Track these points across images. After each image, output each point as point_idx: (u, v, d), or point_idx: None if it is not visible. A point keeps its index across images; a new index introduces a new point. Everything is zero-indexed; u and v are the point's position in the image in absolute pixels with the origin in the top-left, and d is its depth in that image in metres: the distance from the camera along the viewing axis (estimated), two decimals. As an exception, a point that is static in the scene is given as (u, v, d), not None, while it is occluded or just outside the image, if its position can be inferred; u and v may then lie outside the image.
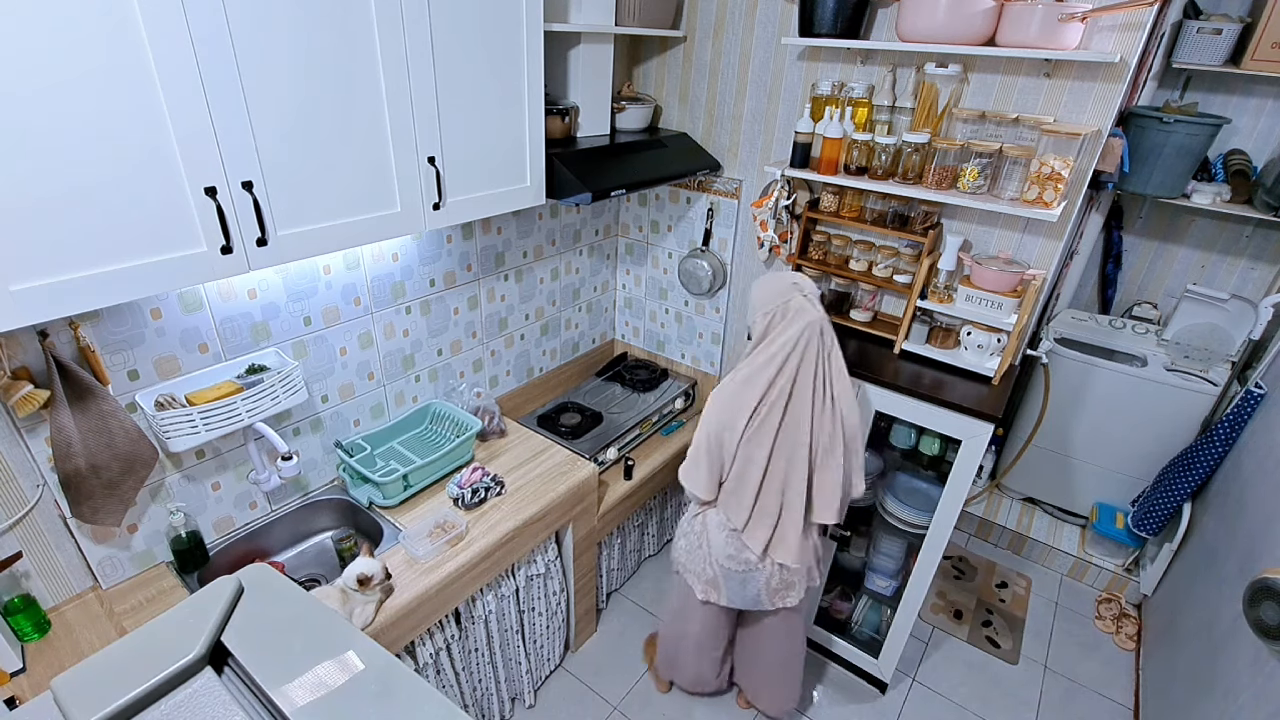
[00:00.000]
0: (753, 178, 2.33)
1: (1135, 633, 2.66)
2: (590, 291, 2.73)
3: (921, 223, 1.97)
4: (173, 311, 1.48)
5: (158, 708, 0.79)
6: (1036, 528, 3.08)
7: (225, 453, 1.68)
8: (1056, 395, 2.83)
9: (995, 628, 2.68)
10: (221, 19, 1.11)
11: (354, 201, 1.42)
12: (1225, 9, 2.56)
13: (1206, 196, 2.61)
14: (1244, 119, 2.70)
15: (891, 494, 2.15)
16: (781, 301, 1.68)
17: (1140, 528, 2.65)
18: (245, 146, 1.20)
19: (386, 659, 0.87)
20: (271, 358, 1.67)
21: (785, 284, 1.71)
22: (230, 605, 0.92)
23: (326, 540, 1.92)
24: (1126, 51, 1.58)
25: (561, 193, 1.86)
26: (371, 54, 1.34)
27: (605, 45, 2.04)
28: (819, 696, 2.38)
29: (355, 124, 1.37)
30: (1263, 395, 2.26)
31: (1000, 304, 1.84)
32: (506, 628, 2.02)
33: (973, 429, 1.81)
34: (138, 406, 1.47)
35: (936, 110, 1.86)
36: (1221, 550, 2.13)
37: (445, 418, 2.09)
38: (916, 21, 1.70)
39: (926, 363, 2.00)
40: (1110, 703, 2.40)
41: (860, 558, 2.36)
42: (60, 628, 1.47)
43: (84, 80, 1.00)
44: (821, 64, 2.04)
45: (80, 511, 1.40)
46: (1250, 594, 1.64)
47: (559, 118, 1.96)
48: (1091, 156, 1.73)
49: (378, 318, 1.92)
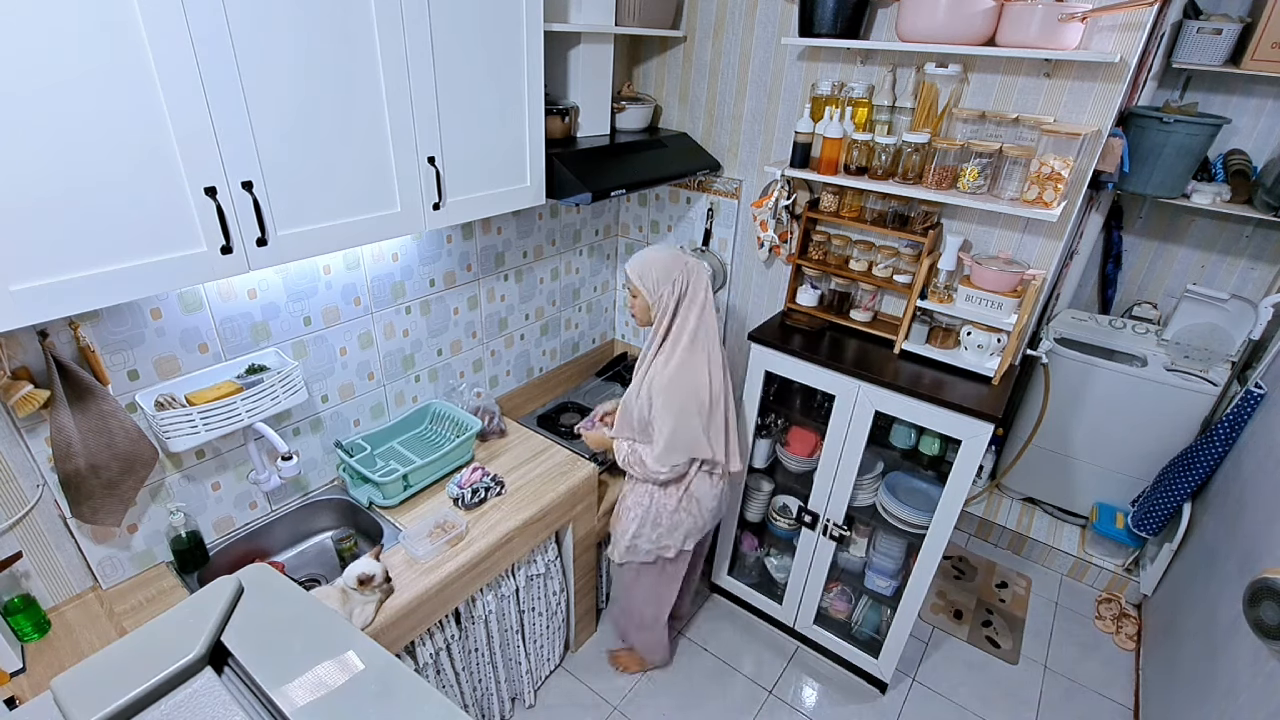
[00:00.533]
0: (753, 178, 2.33)
1: (1135, 633, 2.66)
2: (590, 291, 2.73)
3: (921, 223, 1.97)
4: (173, 311, 1.48)
5: (158, 708, 0.79)
6: (1036, 528, 3.08)
7: (225, 453, 1.68)
8: (1056, 395, 2.83)
9: (995, 628, 2.68)
10: (221, 19, 1.11)
11: (354, 201, 1.42)
12: (1225, 9, 2.56)
13: (1206, 196, 2.61)
14: (1244, 119, 2.70)
15: (891, 494, 2.15)
16: (683, 266, 1.79)
17: (1140, 528, 2.65)
18: (245, 146, 1.20)
19: (386, 659, 0.87)
20: (271, 358, 1.67)
21: (674, 251, 1.84)
22: (230, 605, 0.92)
23: (326, 540, 1.92)
24: (1126, 51, 1.58)
25: (561, 193, 1.86)
26: (371, 54, 1.34)
27: (605, 45, 2.04)
28: (819, 696, 2.39)
29: (355, 124, 1.37)
30: (1263, 395, 2.26)
31: (1000, 304, 1.84)
32: (506, 628, 2.02)
33: (973, 429, 1.81)
34: (138, 406, 1.47)
35: (936, 110, 1.86)
36: (1221, 550, 2.13)
37: (445, 418, 2.09)
38: (916, 21, 1.70)
39: (926, 363, 2.00)
40: (1110, 703, 2.40)
41: (860, 558, 2.36)
42: (60, 628, 1.47)
43: (84, 80, 1.00)
44: (821, 64, 2.04)
45: (80, 511, 1.40)
46: (1250, 594, 1.64)
47: (559, 118, 1.96)
48: (1091, 156, 1.73)
49: (378, 318, 1.92)
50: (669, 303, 1.78)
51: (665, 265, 1.78)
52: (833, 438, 2.08)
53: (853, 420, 2.01)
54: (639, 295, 1.81)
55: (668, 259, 1.79)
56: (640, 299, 1.81)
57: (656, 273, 1.77)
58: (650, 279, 1.78)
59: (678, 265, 1.78)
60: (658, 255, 1.81)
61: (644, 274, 1.78)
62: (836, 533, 2.21)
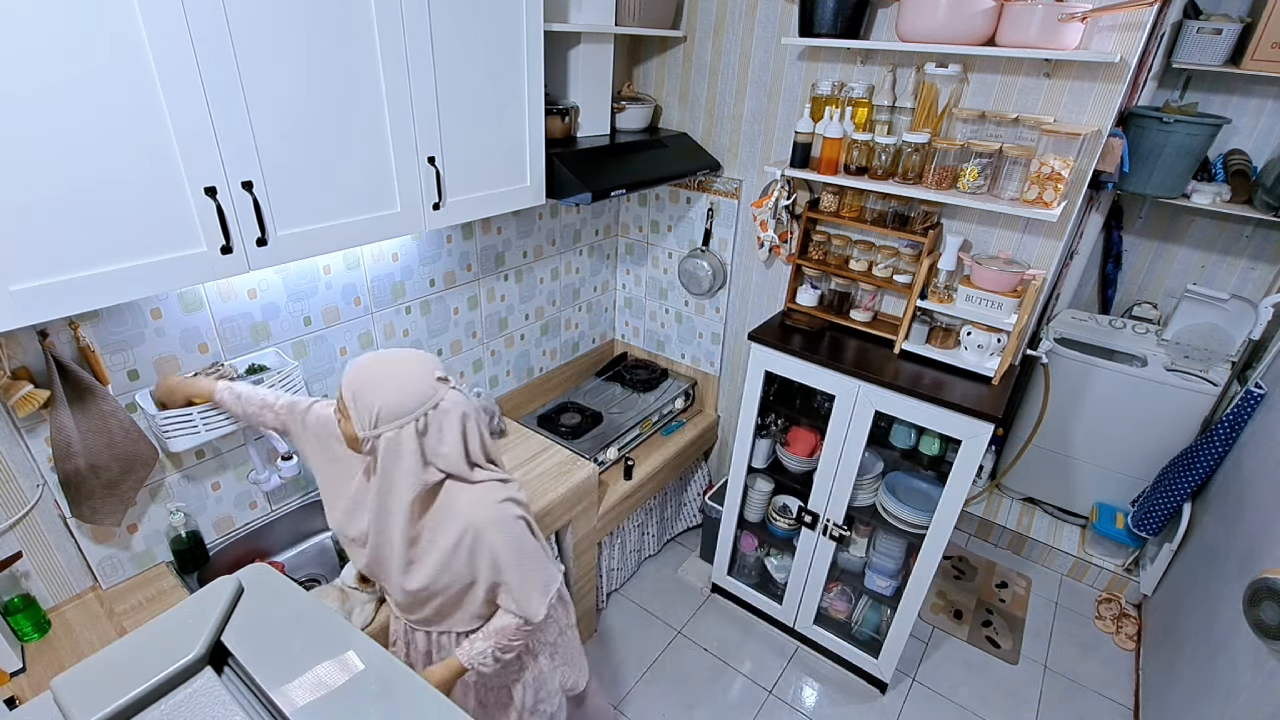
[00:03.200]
0: (753, 178, 2.33)
1: (1135, 633, 2.66)
2: (590, 291, 2.73)
3: (921, 223, 1.97)
4: (173, 311, 1.48)
5: (158, 708, 0.79)
6: (1036, 528, 3.08)
7: (225, 453, 1.68)
8: (1056, 395, 2.83)
9: (995, 628, 2.68)
10: (221, 19, 1.11)
11: (354, 201, 1.42)
12: (1225, 9, 2.56)
13: (1206, 196, 2.61)
14: (1244, 119, 2.70)
15: (891, 494, 2.15)
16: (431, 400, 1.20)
17: (1140, 528, 2.65)
18: (245, 146, 1.20)
19: (386, 659, 0.87)
20: (271, 358, 1.67)
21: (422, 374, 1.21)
22: (230, 605, 0.92)
23: (326, 540, 1.92)
24: (1126, 51, 1.58)
25: (561, 193, 1.86)
26: (371, 54, 1.34)
27: (605, 45, 2.04)
28: (819, 696, 2.39)
29: (355, 124, 1.37)
30: (1263, 395, 2.26)
31: (1000, 304, 1.84)
32: (506, 628, 2.01)
33: (973, 429, 1.81)
34: (138, 406, 1.47)
35: (936, 110, 1.86)
36: (1221, 550, 2.13)
37: (445, 418, 2.09)
38: (916, 21, 1.70)
39: (926, 363, 2.00)
40: (1110, 703, 2.40)
41: (860, 558, 2.36)
42: (60, 628, 1.47)
43: (84, 80, 1.00)
44: (821, 64, 2.04)
45: (80, 511, 1.40)
46: (1250, 594, 1.64)
47: (559, 118, 1.96)
48: (1091, 156, 1.73)
49: (378, 318, 1.92)
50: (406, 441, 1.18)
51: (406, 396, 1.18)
52: (833, 438, 2.08)
53: (853, 420, 2.01)
54: (347, 418, 1.21)
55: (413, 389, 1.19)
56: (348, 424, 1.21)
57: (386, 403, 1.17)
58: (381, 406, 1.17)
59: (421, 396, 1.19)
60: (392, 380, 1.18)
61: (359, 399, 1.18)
62: (836, 533, 2.20)
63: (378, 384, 1.18)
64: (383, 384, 1.18)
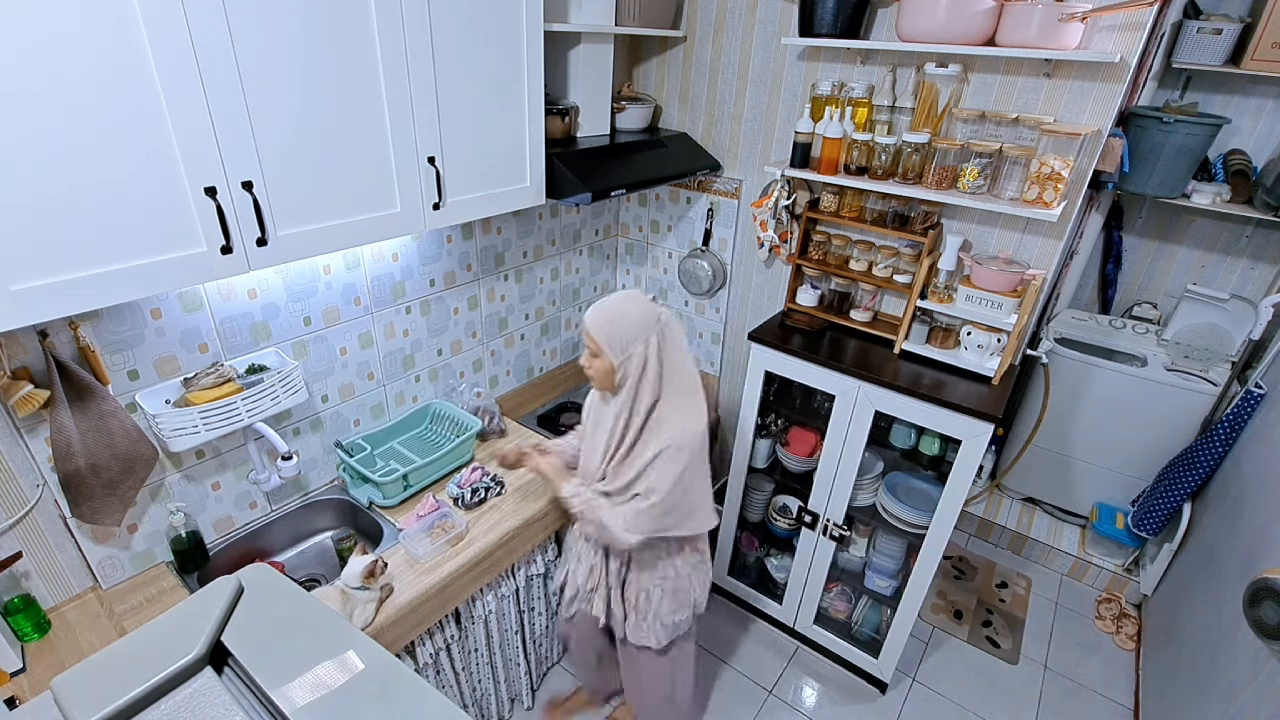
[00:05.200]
0: (753, 178, 2.33)
1: (1135, 633, 2.66)
2: (590, 291, 2.73)
3: (921, 223, 1.97)
4: (173, 311, 1.48)
5: (158, 708, 0.79)
6: (1036, 528, 3.08)
7: (225, 453, 1.68)
8: (1056, 395, 2.83)
9: (995, 628, 2.68)
10: (221, 19, 1.11)
11: (354, 201, 1.42)
12: (1225, 9, 2.56)
13: (1206, 196, 2.61)
14: (1244, 119, 2.70)
15: (891, 494, 2.15)
16: (655, 319, 1.47)
17: (1140, 528, 2.65)
18: (245, 146, 1.20)
19: (386, 659, 0.87)
20: (271, 358, 1.67)
21: (644, 302, 1.49)
22: (230, 605, 0.92)
23: (326, 540, 1.92)
24: (1126, 51, 1.58)
25: (561, 193, 1.86)
26: (371, 54, 1.34)
27: (605, 45, 2.04)
28: (819, 696, 2.38)
29: (355, 124, 1.37)
30: (1263, 395, 2.26)
31: (1000, 304, 1.84)
32: (506, 628, 2.01)
33: (973, 429, 1.81)
34: (138, 406, 1.47)
35: (936, 110, 1.86)
36: (1221, 550, 2.13)
37: (445, 418, 2.09)
38: (916, 21, 1.70)
39: (926, 363, 2.00)
40: (1110, 703, 2.40)
41: (860, 558, 2.36)
42: (60, 628, 1.47)
43: (84, 80, 1.00)
44: (821, 64, 2.04)
45: (80, 511, 1.40)
46: (1250, 594, 1.64)
47: (559, 117, 1.96)
48: (1091, 156, 1.73)
49: (378, 318, 1.92)
50: (641, 362, 1.46)
51: (636, 321, 1.45)
52: (833, 438, 2.08)
53: (853, 420, 2.01)
54: (600, 355, 1.47)
55: (639, 313, 1.46)
56: (603, 359, 1.47)
57: (627, 331, 1.45)
58: (619, 339, 1.44)
59: (649, 319, 1.46)
60: (626, 308, 1.47)
61: (611, 333, 1.45)
62: (836, 533, 2.21)
63: (619, 317, 1.45)
64: (623, 316, 1.45)
